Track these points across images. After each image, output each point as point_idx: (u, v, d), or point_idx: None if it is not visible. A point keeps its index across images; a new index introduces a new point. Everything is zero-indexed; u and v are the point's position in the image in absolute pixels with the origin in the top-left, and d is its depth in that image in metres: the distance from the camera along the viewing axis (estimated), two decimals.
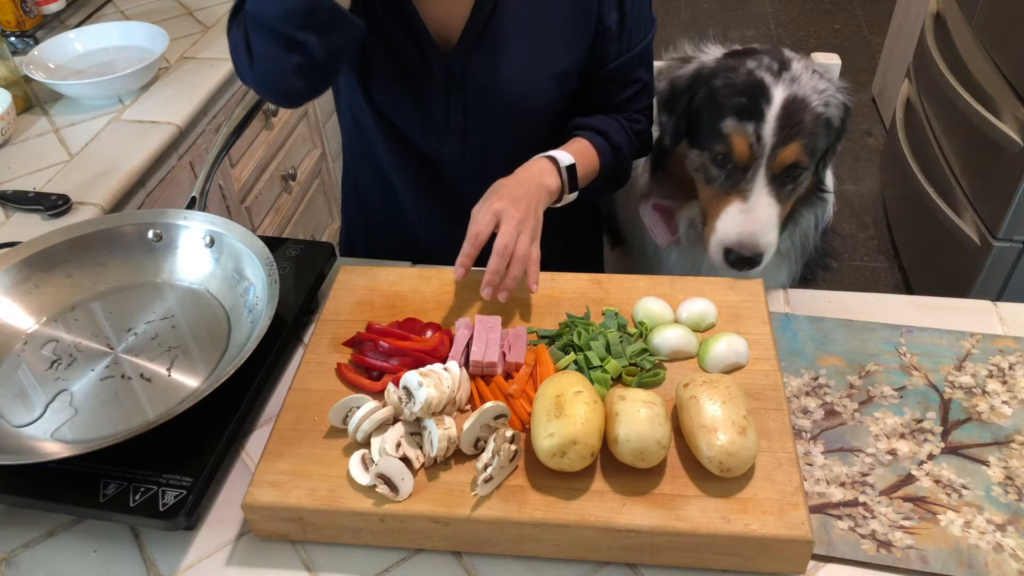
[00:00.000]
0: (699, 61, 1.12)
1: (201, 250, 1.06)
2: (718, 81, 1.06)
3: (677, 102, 1.11)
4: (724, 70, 1.07)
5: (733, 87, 1.04)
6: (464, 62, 1.03)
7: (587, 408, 0.79)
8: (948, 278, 2.14)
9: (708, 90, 1.06)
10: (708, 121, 1.06)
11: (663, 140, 1.15)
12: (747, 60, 1.06)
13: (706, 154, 1.07)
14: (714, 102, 1.05)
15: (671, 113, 1.12)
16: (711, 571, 0.80)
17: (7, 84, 1.51)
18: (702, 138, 1.08)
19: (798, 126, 1.02)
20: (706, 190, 1.10)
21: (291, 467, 0.83)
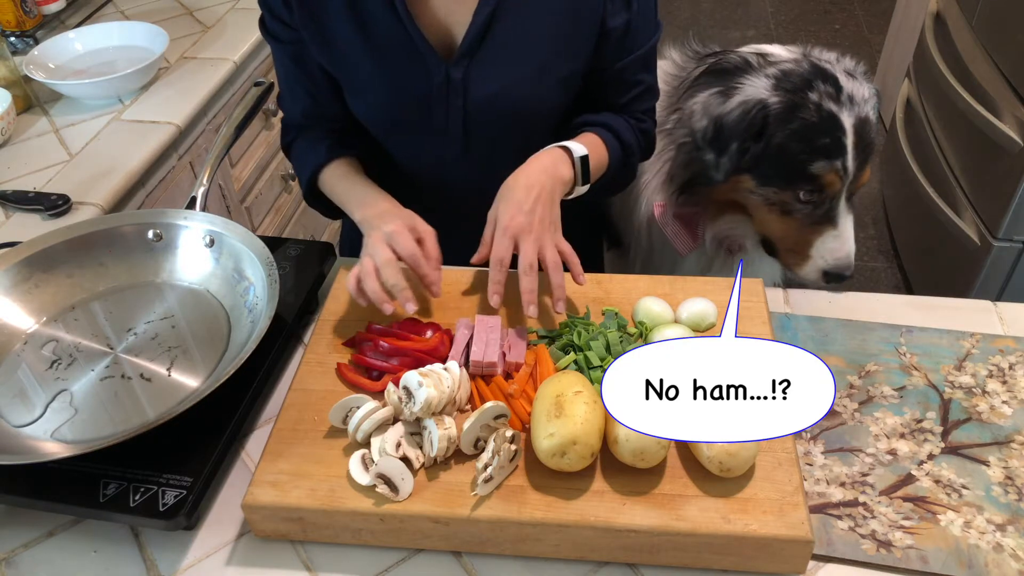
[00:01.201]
0: (745, 94, 1.08)
1: (201, 250, 1.06)
2: (793, 124, 1.06)
3: (727, 142, 1.09)
4: (791, 109, 1.05)
5: (810, 127, 1.05)
6: (464, 70, 1.02)
7: (587, 408, 0.79)
8: (948, 278, 2.14)
9: (782, 135, 1.06)
10: (790, 165, 1.08)
11: (708, 176, 1.13)
12: (806, 91, 1.06)
13: (787, 193, 1.10)
14: (793, 146, 1.06)
15: (721, 152, 1.10)
16: (711, 571, 0.80)
17: (7, 84, 1.51)
18: (781, 179, 1.09)
19: (870, 145, 1.08)
20: (784, 222, 1.13)
21: (291, 467, 0.83)
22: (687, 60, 1.26)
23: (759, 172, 1.10)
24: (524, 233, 0.95)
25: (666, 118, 1.21)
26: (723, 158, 1.10)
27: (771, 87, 1.08)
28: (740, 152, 1.09)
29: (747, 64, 1.12)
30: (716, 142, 1.10)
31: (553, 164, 1.01)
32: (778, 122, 1.06)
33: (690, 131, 1.14)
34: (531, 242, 0.95)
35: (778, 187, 1.10)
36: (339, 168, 1.09)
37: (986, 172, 1.93)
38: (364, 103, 1.08)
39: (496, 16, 1.00)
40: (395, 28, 1.00)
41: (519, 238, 0.95)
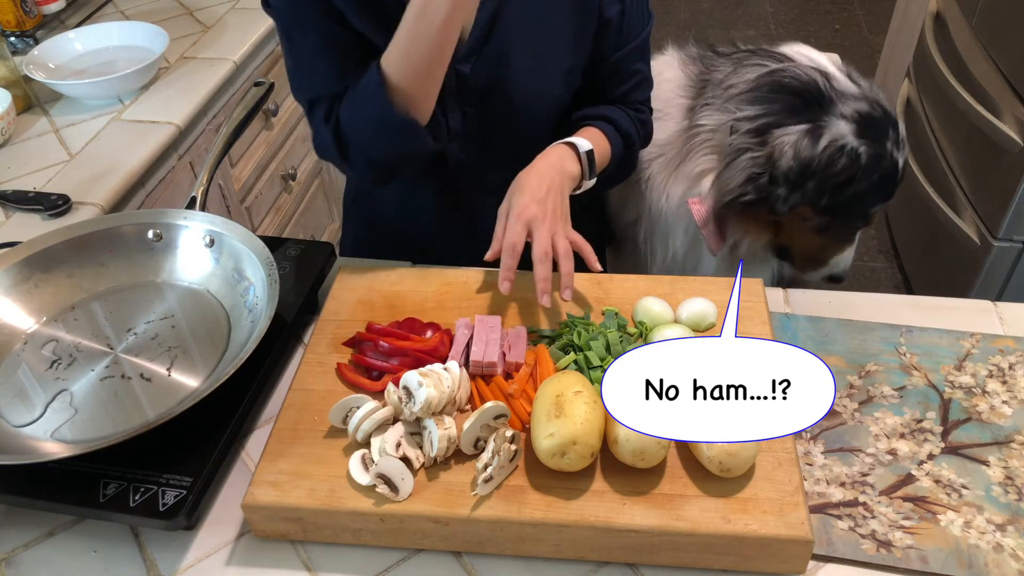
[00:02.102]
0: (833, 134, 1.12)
1: (201, 250, 1.06)
2: (875, 174, 1.14)
3: (808, 180, 1.14)
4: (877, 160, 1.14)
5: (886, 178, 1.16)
6: (472, 67, 1.02)
7: (587, 408, 0.79)
8: (948, 278, 2.14)
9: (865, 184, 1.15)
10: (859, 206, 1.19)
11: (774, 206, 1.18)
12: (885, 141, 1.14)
13: (838, 222, 1.20)
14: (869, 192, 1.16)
15: (795, 189, 1.15)
16: (711, 571, 0.80)
17: (7, 84, 1.51)
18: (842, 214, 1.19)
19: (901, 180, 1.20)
20: (815, 238, 1.23)
21: (291, 467, 0.83)
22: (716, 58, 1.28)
23: (822, 207, 1.18)
24: (538, 221, 0.96)
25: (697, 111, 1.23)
26: (795, 193, 1.15)
27: (855, 132, 1.13)
28: (816, 192, 1.15)
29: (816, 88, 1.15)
30: (797, 181, 1.15)
31: (560, 160, 1.03)
32: (865, 173, 1.14)
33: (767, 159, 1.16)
34: (545, 230, 0.96)
35: (832, 217, 1.19)
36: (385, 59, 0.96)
37: (986, 172, 1.93)
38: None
39: (500, 13, 1.00)
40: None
41: (533, 226, 0.96)
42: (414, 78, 0.95)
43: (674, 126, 1.26)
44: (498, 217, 1.00)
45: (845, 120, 1.12)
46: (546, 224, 0.96)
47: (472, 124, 1.07)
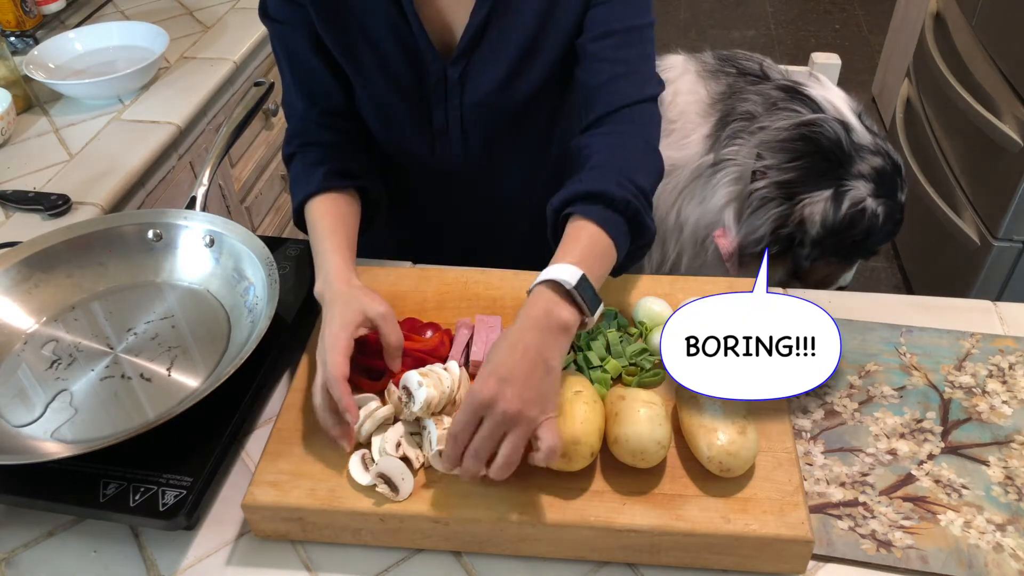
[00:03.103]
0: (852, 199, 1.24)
1: (201, 250, 1.06)
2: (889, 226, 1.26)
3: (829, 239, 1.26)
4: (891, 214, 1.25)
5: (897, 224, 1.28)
6: (463, 68, 1.02)
7: (587, 408, 0.79)
8: (948, 278, 2.14)
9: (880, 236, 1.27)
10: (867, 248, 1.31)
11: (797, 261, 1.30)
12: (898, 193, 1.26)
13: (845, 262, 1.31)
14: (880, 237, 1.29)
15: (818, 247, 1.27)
16: (711, 571, 0.80)
17: (7, 84, 1.51)
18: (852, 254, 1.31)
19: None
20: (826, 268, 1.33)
21: (291, 467, 0.83)
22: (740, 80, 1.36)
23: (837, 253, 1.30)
24: (491, 407, 0.74)
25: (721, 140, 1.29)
26: (816, 250, 1.27)
27: (872, 192, 1.25)
28: (835, 246, 1.26)
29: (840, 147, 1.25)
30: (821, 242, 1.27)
31: (545, 313, 0.79)
32: (881, 230, 1.25)
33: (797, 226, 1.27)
34: (494, 421, 0.74)
35: (841, 258, 1.31)
36: (321, 208, 0.99)
37: (986, 172, 1.93)
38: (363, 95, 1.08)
39: (492, 15, 0.99)
40: (399, 23, 0.99)
41: (486, 414, 0.75)
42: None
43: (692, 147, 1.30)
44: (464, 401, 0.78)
45: (864, 180, 1.24)
46: (500, 414, 0.74)
47: (462, 125, 1.07)
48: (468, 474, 0.77)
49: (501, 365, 0.76)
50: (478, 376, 0.77)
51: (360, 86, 1.06)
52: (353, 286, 0.91)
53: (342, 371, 0.82)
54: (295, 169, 1.07)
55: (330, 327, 0.86)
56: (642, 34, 0.99)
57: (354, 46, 1.02)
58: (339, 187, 1.02)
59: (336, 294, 0.90)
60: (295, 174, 1.06)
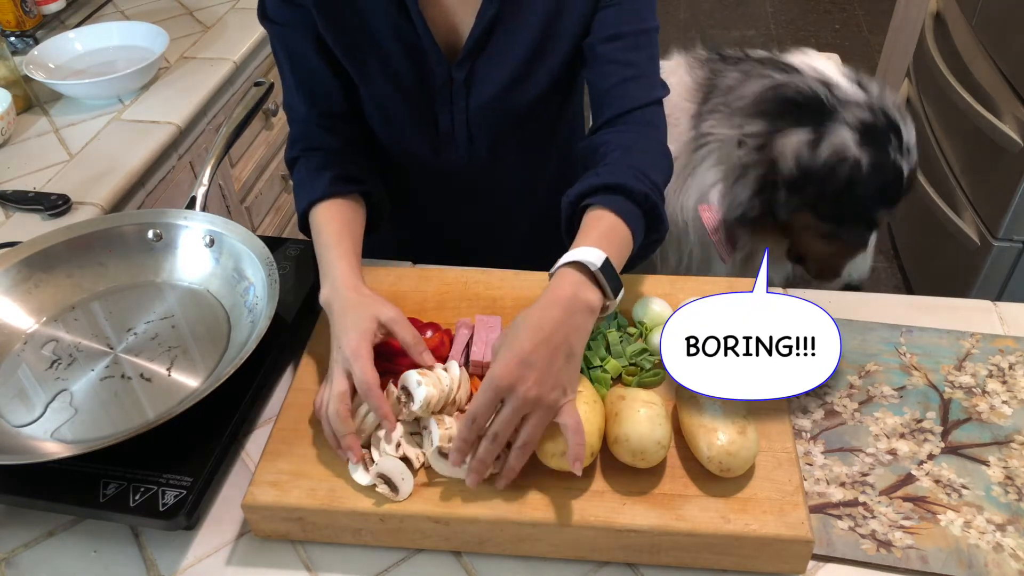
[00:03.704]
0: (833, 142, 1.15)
1: (201, 250, 1.06)
2: (875, 181, 1.16)
3: (807, 185, 1.17)
4: (876, 167, 1.15)
5: (888, 185, 1.17)
6: (469, 69, 1.02)
7: (587, 408, 0.79)
8: (948, 278, 2.14)
9: (864, 189, 1.17)
10: (861, 211, 1.20)
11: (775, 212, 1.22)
12: (886, 146, 1.16)
13: (843, 228, 1.21)
14: (872, 199, 1.19)
15: (795, 193, 1.18)
16: (711, 571, 0.80)
17: (7, 84, 1.51)
18: (845, 219, 1.21)
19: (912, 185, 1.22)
20: (825, 245, 1.25)
21: (291, 467, 0.83)
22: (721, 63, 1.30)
23: (823, 213, 1.20)
24: (512, 391, 0.74)
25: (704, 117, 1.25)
26: (794, 197, 1.18)
27: (857, 141, 1.15)
28: (816, 197, 1.18)
29: (818, 100, 1.18)
30: (796, 185, 1.18)
31: (572, 294, 0.79)
32: (865, 181, 1.16)
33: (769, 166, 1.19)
34: (514, 405, 0.74)
35: (835, 223, 1.21)
36: (327, 214, 0.99)
37: (986, 172, 1.93)
38: (367, 98, 1.08)
39: (499, 17, 0.99)
40: (404, 25, 0.99)
41: (507, 396, 0.75)
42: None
43: (681, 135, 1.27)
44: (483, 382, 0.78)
45: (848, 128, 1.14)
46: (520, 398, 0.74)
47: (462, 127, 1.07)
48: (481, 465, 0.76)
49: (523, 347, 0.75)
50: (498, 358, 0.76)
51: (363, 87, 1.05)
52: (362, 294, 0.91)
53: (375, 379, 0.81)
54: (299, 174, 1.06)
55: (347, 337, 0.85)
56: (650, 38, 1.00)
57: (357, 47, 1.01)
58: (344, 192, 1.02)
59: (347, 303, 0.89)
60: (299, 179, 1.06)
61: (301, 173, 1.05)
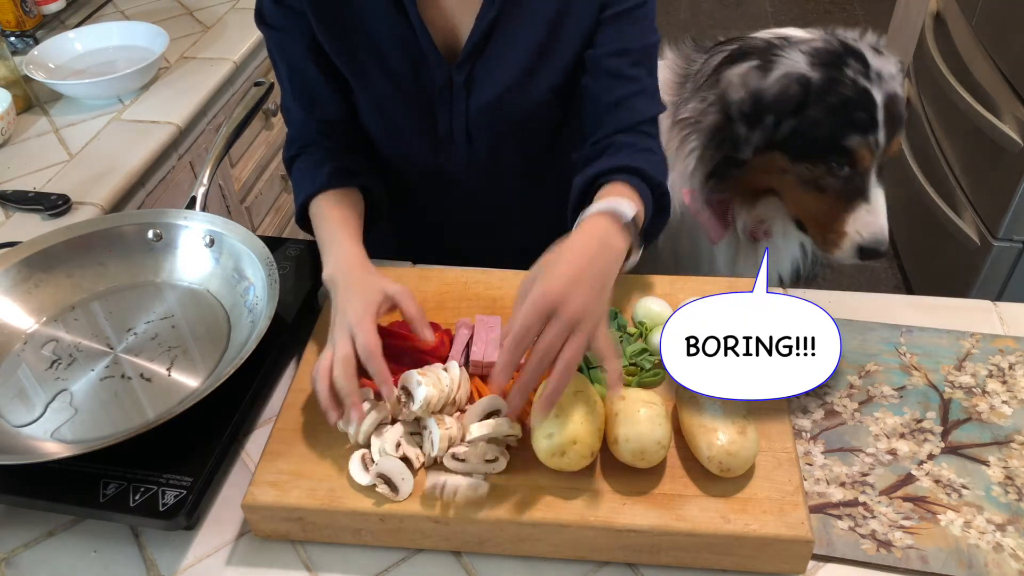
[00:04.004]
0: (784, 67, 1.10)
1: (201, 250, 1.06)
2: (831, 97, 1.08)
3: (764, 115, 1.11)
4: (829, 84, 1.09)
5: (847, 103, 1.08)
6: (469, 72, 1.02)
7: (587, 408, 0.79)
8: (948, 278, 2.14)
9: (820, 108, 1.09)
10: (825, 138, 1.09)
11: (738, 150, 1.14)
12: (842, 67, 1.09)
13: (820, 167, 1.11)
14: (830, 119, 1.09)
15: (754, 126, 1.12)
16: (711, 571, 0.80)
17: (7, 84, 1.51)
18: (815, 153, 1.11)
19: (898, 119, 1.10)
20: (816, 199, 1.14)
21: (291, 467, 0.83)
22: (695, 52, 1.27)
23: (792, 148, 1.12)
24: (560, 306, 0.75)
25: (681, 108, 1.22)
26: (754, 132, 1.12)
27: (809, 63, 1.10)
28: (774, 126, 1.11)
29: (766, 43, 1.14)
30: (751, 116, 1.12)
31: (604, 234, 0.82)
32: (817, 96, 1.09)
33: (723, 105, 1.14)
34: (564, 322, 0.75)
35: (811, 163, 1.11)
36: (329, 202, 1.00)
37: (986, 172, 1.93)
38: (366, 101, 1.08)
39: (499, 20, 0.99)
40: (402, 28, 0.99)
41: (555, 313, 0.75)
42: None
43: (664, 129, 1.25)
44: (517, 299, 0.79)
45: (802, 54, 1.12)
46: (568, 315, 0.75)
47: (469, 130, 1.07)
48: (525, 388, 0.77)
49: (568, 270, 0.77)
50: (543, 279, 0.76)
51: (362, 91, 1.05)
52: (368, 270, 0.92)
53: (378, 345, 0.82)
54: (298, 169, 1.07)
55: (352, 307, 0.85)
56: (653, 52, 1.04)
57: (355, 51, 1.01)
58: (344, 185, 1.03)
59: (352, 278, 0.90)
60: (299, 174, 1.06)
61: (301, 168, 1.06)
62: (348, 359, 0.82)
